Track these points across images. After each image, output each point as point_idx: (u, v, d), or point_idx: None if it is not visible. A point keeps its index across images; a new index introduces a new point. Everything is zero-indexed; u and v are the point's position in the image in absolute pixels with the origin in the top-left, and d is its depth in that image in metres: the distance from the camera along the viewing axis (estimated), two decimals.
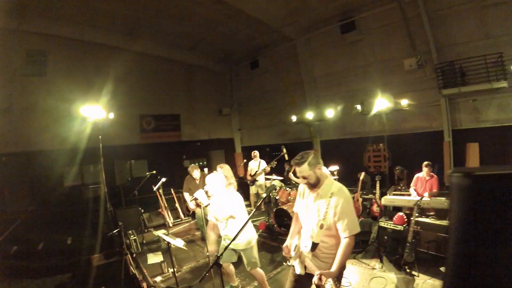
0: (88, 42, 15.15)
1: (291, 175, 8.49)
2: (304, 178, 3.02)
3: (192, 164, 7.85)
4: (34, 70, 14.18)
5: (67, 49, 14.78)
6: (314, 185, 3.04)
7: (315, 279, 2.68)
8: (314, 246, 2.96)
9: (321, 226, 2.90)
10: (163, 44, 17.30)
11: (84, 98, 9.45)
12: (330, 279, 2.65)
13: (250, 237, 4.40)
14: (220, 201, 4.45)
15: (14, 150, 13.70)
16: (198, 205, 5.69)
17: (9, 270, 7.07)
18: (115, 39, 15.74)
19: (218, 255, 2.92)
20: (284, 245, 3.28)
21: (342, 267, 2.87)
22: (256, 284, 5.20)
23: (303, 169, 2.97)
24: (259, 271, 4.59)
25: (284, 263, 4.98)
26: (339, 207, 2.87)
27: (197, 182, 7.38)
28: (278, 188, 8.63)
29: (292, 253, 3.21)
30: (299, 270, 3.09)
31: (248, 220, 3.35)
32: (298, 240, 3.27)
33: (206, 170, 12.08)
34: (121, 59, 15.42)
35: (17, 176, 13.76)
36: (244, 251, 4.42)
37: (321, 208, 2.98)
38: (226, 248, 3.25)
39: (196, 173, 7.47)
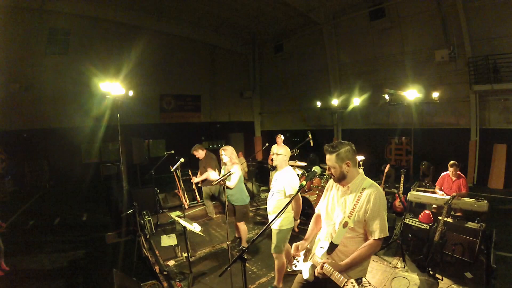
0: (111, 21, 15.13)
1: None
2: (329, 168, 2.73)
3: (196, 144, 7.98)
4: (56, 48, 14.32)
5: (89, 28, 14.82)
6: (338, 179, 2.71)
7: (318, 268, 2.48)
8: (332, 247, 2.57)
9: (345, 225, 2.54)
10: (187, 24, 17.10)
11: (105, 77, 9.45)
12: (352, 281, 2.28)
13: (284, 221, 4.34)
14: (278, 175, 4.51)
15: (35, 127, 13.93)
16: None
17: (25, 244, 7.19)
18: (138, 18, 15.67)
19: (244, 248, 2.67)
20: (295, 244, 2.91)
21: (353, 265, 2.51)
22: (273, 275, 5.11)
23: (330, 159, 2.67)
24: (282, 259, 4.48)
25: (287, 269, 4.89)
26: (371, 204, 2.50)
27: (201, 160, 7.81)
28: (318, 174, 8.36)
29: (302, 256, 2.89)
30: (307, 275, 2.73)
31: (287, 204, 2.98)
32: (311, 243, 2.93)
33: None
34: (144, 39, 15.38)
35: (37, 152, 14.02)
36: (274, 231, 4.41)
37: (348, 204, 2.62)
38: (265, 228, 3.01)
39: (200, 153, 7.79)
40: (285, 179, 4.32)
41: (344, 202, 2.68)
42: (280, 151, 4.49)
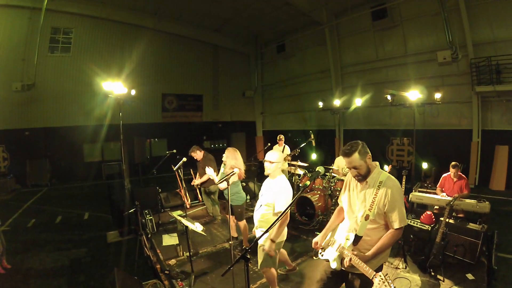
0: (113, 21, 15.19)
1: (334, 169, 8.20)
2: (355, 168, 2.77)
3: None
4: (59, 48, 14.43)
5: (92, 28, 14.91)
6: (364, 176, 2.80)
7: (346, 260, 2.64)
8: (357, 239, 2.73)
9: (366, 217, 2.70)
10: (189, 24, 17.13)
11: (107, 76, 9.47)
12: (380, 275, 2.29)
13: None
14: (269, 184, 3.99)
15: (37, 126, 14.00)
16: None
17: (26, 242, 7.18)
18: (140, 18, 15.71)
19: (247, 248, 2.64)
20: (315, 239, 3.08)
21: (378, 254, 2.70)
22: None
23: (354, 159, 2.73)
24: (272, 271, 4.02)
25: (314, 257, 4.83)
26: (389, 197, 2.66)
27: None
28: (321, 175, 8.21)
29: (330, 248, 2.97)
30: (335, 265, 2.85)
31: (280, 216, 2.85)
32: (335, 234, 3.07)
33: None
34: (146, 38, 15.44)
35: (39, 151, 14.07)
36: (261, 247, 3.88)
37: (368, 198, 2.77)
38: (256, 240, 3.01)
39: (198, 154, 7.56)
40: (277, 191, 3.80)
41: (364, 196, 2.83)
42: (272, 157, 3.87)
